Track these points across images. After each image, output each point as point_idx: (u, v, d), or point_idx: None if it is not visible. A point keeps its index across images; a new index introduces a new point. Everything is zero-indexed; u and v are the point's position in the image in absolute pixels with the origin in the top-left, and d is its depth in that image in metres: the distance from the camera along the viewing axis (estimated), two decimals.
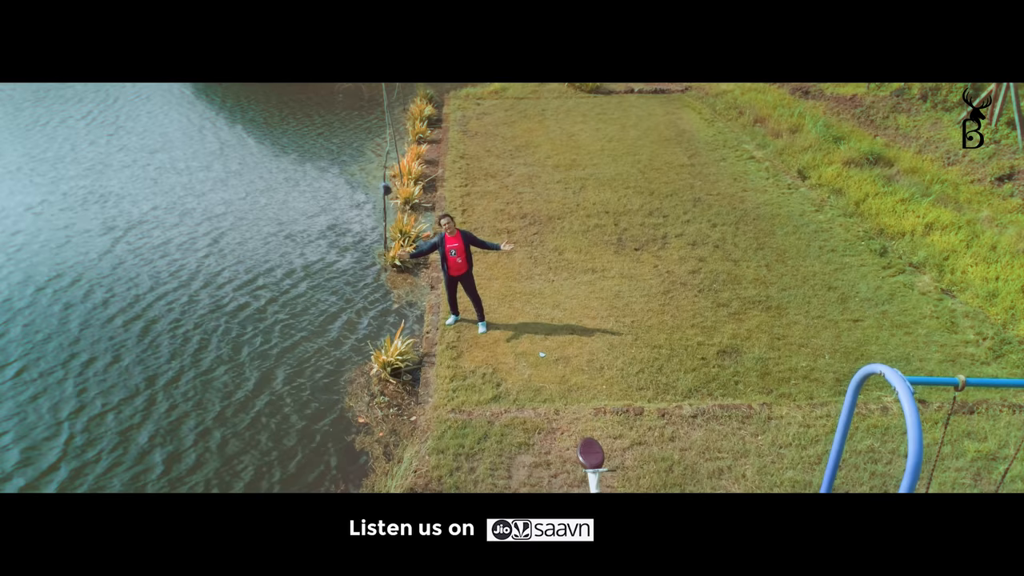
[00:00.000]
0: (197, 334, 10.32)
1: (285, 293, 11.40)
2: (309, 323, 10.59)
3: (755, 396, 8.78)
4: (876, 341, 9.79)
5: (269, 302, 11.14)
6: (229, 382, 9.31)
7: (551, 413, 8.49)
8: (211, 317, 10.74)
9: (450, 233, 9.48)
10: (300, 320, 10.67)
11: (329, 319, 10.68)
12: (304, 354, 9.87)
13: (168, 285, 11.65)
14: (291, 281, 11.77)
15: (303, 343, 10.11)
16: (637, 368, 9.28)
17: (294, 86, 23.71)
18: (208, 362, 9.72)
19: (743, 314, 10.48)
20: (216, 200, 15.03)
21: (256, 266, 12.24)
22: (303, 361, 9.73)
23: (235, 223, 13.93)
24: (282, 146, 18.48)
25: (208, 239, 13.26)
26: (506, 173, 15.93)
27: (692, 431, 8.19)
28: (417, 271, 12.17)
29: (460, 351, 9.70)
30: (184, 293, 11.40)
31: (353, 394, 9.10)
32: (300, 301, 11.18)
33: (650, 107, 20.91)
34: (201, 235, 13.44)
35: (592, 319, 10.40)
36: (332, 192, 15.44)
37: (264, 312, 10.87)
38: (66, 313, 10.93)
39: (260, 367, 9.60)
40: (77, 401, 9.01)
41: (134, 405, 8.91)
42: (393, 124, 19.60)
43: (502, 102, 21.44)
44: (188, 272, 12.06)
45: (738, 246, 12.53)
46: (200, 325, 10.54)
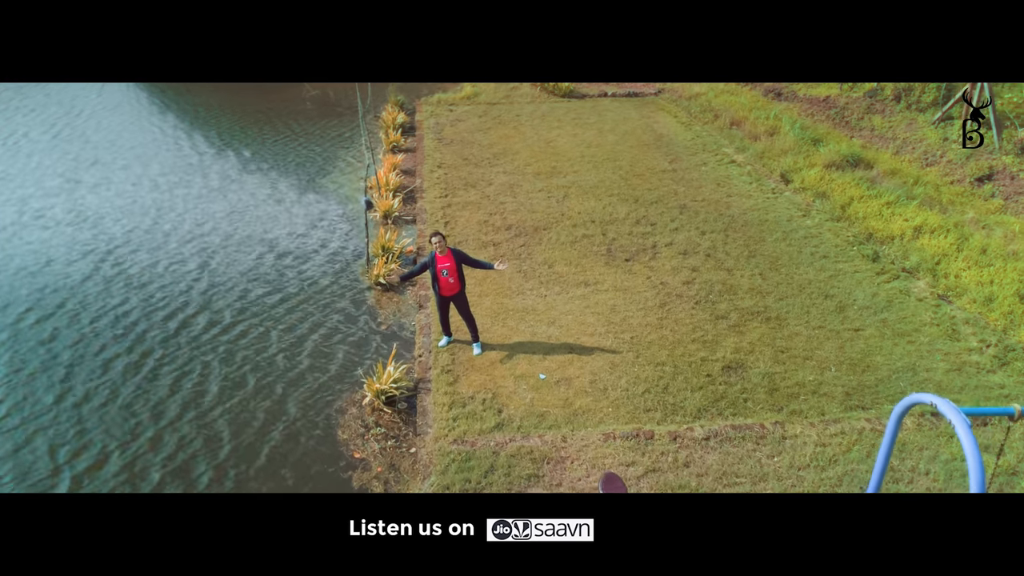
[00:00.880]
0: (194, 367, 9.68)
1: (270, 318, 10.81)
2: (291, 350, 10.03)
3: (766, 414, 8.50)
4: (880, 351, 9.61)
5: (249, 328, 10.55)
6: (231, 419, 8.72)
7: (558, 440, 8.10)
8: (203, 347, 10.11)
9: (441, 252, 9.02)
10: (284, 347, 10.10)
11: (313, 344, 10.13)
12: (291, 386, 9.31)
13: (156, 314, 10.91)
14: (279, 305, 11.18)
15: (287, 373, 9.55)
16: (642, 388, 8.94)
17: (262, 93, 22.91)
18: (208, 401, 9.11)
19: (743, 326, 10.23)
20: (198, 218, 14.26)
21: (234, 290, 11.62)
22: (290, 392, 9.17)
23: (223, 242, 13.22)
24: (261, 158, 17.74)
25: (196, 261, 12.53)
26: (486, 182, 15.50)
27: (706, 455, 7.87)
28: (403, 289, 11.67)
29: (456, 375, 9.25)
30: (174, 322, 10.71)
31: (345, 426, 8.59)
32: (282, 326, 10.60)
33: (625, 111, 20.67)
34: (188, 256, 12.70)
35: (590, 336, 10.04)
36: (316, 208, 14.79)
37: (239, 341, 10.28)
38: (52, 345, 10.14)
39: (245, 407, 9.03)
40: (76, 442, 8.32)
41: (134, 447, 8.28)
42: (372, 133, 19.06)
43: (475, 107, 20.99)
44: (176, 298, 11.36)
45: (730, 254, 12.30)
46: (194, 358, 9.90)
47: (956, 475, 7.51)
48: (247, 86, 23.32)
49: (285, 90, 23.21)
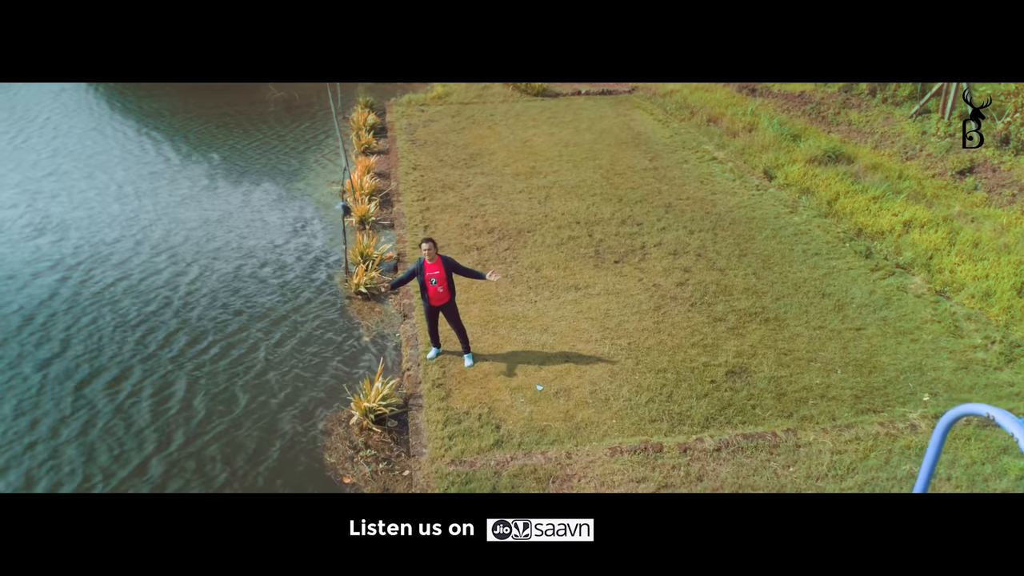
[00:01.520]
0: (144, 387, 8.98)
1: (243, 335, 10.14)
2: (266, 369, 9.39)
3: (776, 421, 8.14)
4: (884, 351, 9.33)
5: (220, 347, 9.87)
6: (216, 454, 8.06)
7: (562, 457, 7.62)
8: (164, 366, 9.40)
9: (430, 259, 8.48)
10: (258, 366, 9.46)
11: (291, 361, 9.50)
12: (268, 408, 8.68)
13: (130, 332, 10.15)
14: (254, 322, 10.50)
15: (262, 395, 8.92)
16: (646, 397, 8.51)
17: (226, 94, 22.02)
18: (193, 428, 8.42)
19: (742, 328, 9.87)
20: (169, 228, 13.45)
21: (204, 304, 10.91)
22: (268, 415, 8.54)
23: (195, 254, 12.45)
24: (231, 163, 16.91)
25: (168, 274, 11.76)
26: (464, 184, 14.97)
27: (719, 467, 7.47)
28: (384, 298, 11.08)
29: (448, 389, 8.71)
30: (149, 339, 9.98)
31: (332, 448, 8.00)
32: (256, 343, 9.94)
33: (600, 109, 20.30)
34: (161, 268, 11.91)
35: (586, 343, 9.59)
36: (289, 215, 14.08)
37: (205, 357, 9.60)
38: (18, 368, 9.32)
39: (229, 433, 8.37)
40: (51, 478, 7.59)
41: None
42: (343, 134, 18.40)
43: (447, 108, 20.43)
44: (148, 314, 10.61)
45: (720, 253, 11.97)
46: (173, 382, 9.19)
47: (979, 480, 7.22)
48: (209, 88, 22.42)
49: (250, 92, 22.38)
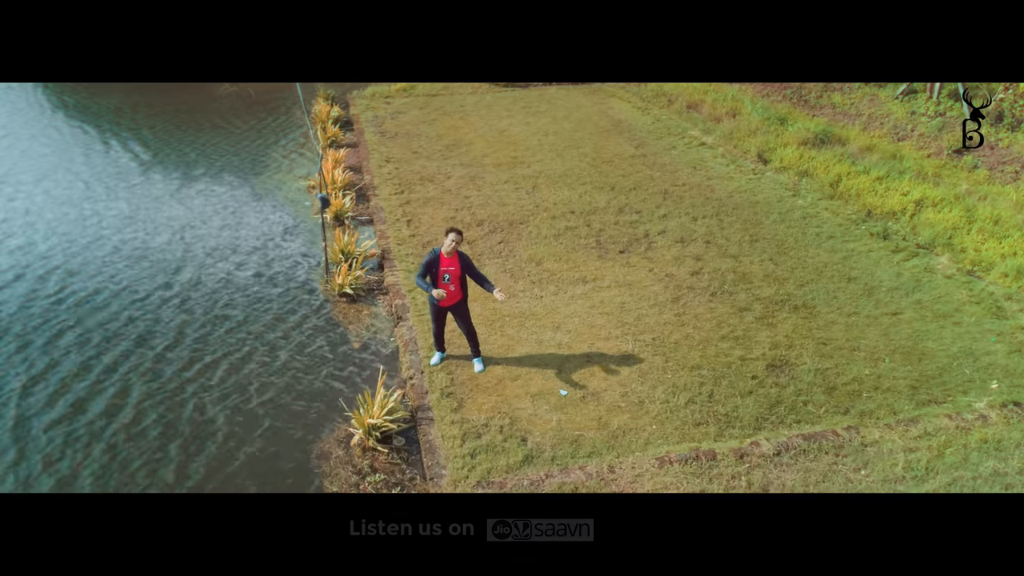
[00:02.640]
0: (157, 422, 7.63)
1: (217, 347, 8.84)
2: (245, 386, 8.14)
3: (834, 418, 7.28)
4: (928, 336, 8.60)
5: (191, 361, 8.56)
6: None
7: (604, 471, 6.60)
8: (171, 393, 8.05)
9: (448, 253, 7.38)
10: (235, 384, 8.20)
11: (271, 376, 8.27)
12: (254, 431, 7.44)
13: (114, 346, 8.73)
14: (230, 334, 9.20)
15: (242, 416, 7.68)
16: (684, 398, 7.57)
17: (179, 91, 20.40)
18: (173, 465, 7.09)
19: (771, 318, 9.03)
20: (140, 234, 11.90)
21: (171, 316, 9.56)
22: (254, 440, 7.31)
23: (163, 261, 11.03)
24: (194, 163, 15.38)
25: (136, 282, 10.33)
26: (444, 176, 13.85)
27: (784, 474, 6.55)
28: (371, 299, 9.90)
29: (460, 399, 7.61)
30: (116, 364, 8.57)
31: (333, 475, 6.80)
32: (232, 355, 8.67)
33: (575, 98, 19.41)
34: (136, 279, 10.43)
35: (605, 340, 8.60)
36: (259, 214, 12.70)
37: (178, 374, 8.29)
38: None
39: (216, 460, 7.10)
40: None
41: None
42: (304, 129, 17.09)
43: (414, 100, 19.27)
44: (121, 330, 9.18)
45: (731, 240, 11.14)
46: (140, 419, 7.83)
47: None
48: (155, 85, 20.76)
49: (199, 88, 20.80)
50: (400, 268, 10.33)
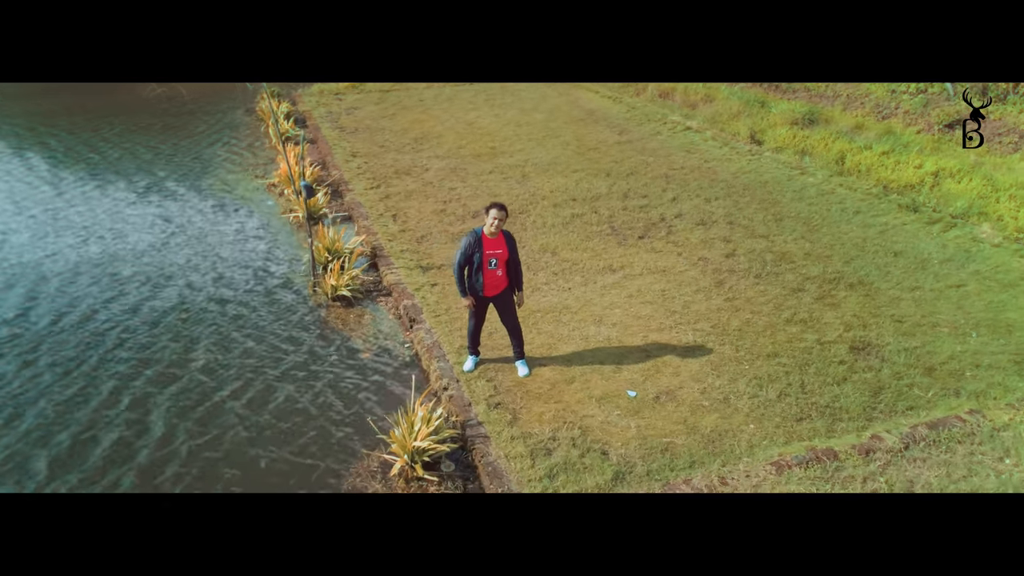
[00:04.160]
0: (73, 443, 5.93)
1: (198, 378, 7.20)
2: (247, 417, 6.58)
3: (949, 402, 6.31)
4: (1006, 307, 7.82)
5: (177, 397, 6.91)
6: None
7: (715, 482, 5.39)
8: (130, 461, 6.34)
9: (490, 233, 6.07)
10: (229, 417, 6.62)
11: (273, 403, 6.73)
12: (266, 470, 5.91)
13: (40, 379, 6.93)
14: (215, 360, 7.56)
15: (250, 463, 6.13)
16: (774, 391, 6.46)
17: (104, 94, 18.28)
18: None
19: (831, 297, 8.08)
20: (93, 250, 10.04)
21: (141, 340, 7.84)
22: (268, 478, 5.78)
23: (112, 280, 9.18)
24: (135, 170, 13.42)
25: (87, 304, 8.49)
26: (421, 168, 12.48)
27: (922, 471, 5.51)
28: (369, 302, 8.44)
29: (513, 410, 6.28)
30: (108, 388, 6.80)
31: None
32: (218, 386, 7.07)
33: (539, 90, 18.36)
34: (78, 296, 8.60)
35: (658, 331, 7.44)
36: (228, 219, 11.02)
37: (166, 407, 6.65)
38: None
39: None
40: None
41: None
42: (249, 127, 15.38)
43: (367, 95, 17.80)
44: (72, 353, 7.38)
45: (754, 219, 10.21)
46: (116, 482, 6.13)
47: None
48: (73, 87, 18.59)
49: (127, 89, 18.83)
50: (399, 265, 8.91)
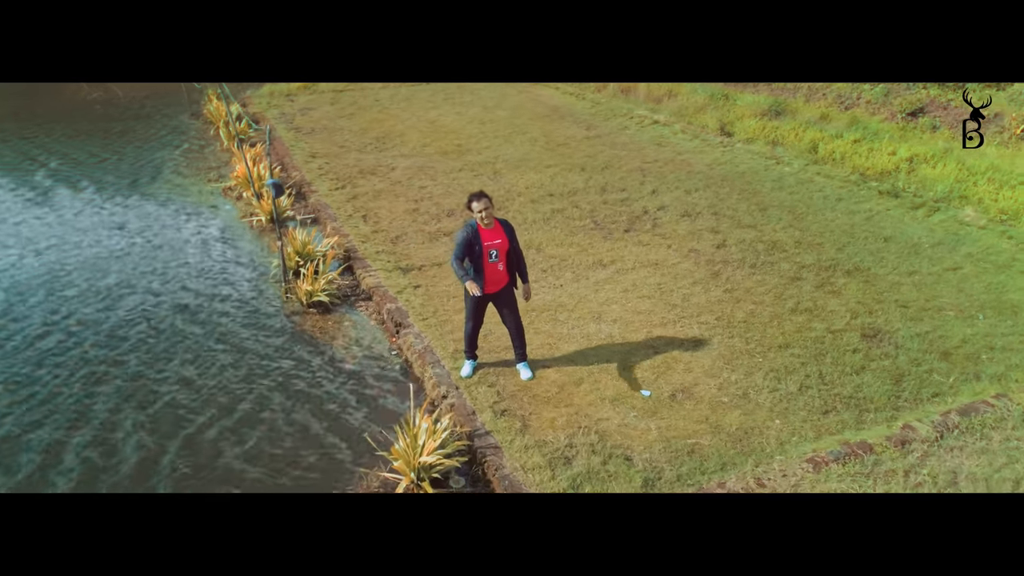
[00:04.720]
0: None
1: (175, 402, 6.48)
2: (226, 442, 5.92)
3: (973, 387, 6.07)
4: (1005, 288, 7.69)
5: (155, 420, 6.18)
6: None
7: (752, 484, 5.00)
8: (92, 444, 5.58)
9: (486, 224, 5.57)
10: (205, 449, 5.94)
11: (254, 426, 6.08)
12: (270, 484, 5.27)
13: None
14: (183, 384, 6.82)
15: (237, 478, 5.47)
16: (794, 384, 6.12)
17: (47, 96, 17.09)
18: None
19: (830, 284, 7.84)
20: (42, 266, 9.09)
21: (106, 361, 7.05)
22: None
23: (77, 294, 8.30)
24: (80, 175, 12.41)
25: (40, 321, 7.61)
26: (387, 168, 11.89)
27: (960, 460, 5.22)
28: (347, 307, 7.83)
29: (521, 416, 5.78)
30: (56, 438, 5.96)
31: None
32: (190, 412, 6.36)
33: (498, 88, 17.91)
34: (28, 312, 7.71)
35: (662, 326, 7.05)
36: (182, 225, 10.20)
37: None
38: None
39: None
40: None
41: None
42: (197, 130, 14.50)
43: (320, 96, 17.08)
44: (27, 378, 6.52)
45: (738, 210, 9.96)
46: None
47: None
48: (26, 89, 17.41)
49: (58, 92, 17.65)
50: (377, 268, 8.31)
